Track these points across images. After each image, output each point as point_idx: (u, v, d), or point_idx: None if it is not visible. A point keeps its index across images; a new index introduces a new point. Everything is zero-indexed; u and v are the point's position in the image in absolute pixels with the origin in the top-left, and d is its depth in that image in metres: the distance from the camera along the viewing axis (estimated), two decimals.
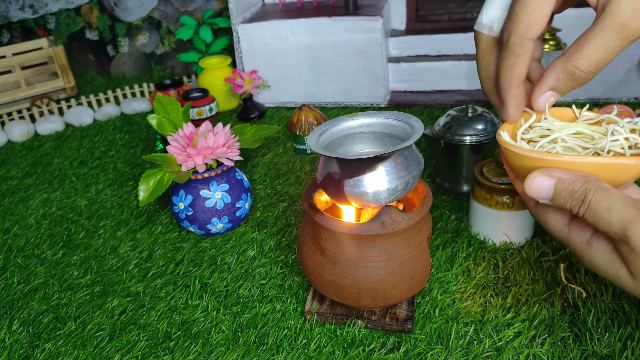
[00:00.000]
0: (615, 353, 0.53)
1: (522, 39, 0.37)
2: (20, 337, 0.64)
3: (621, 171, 0.35)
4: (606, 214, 0.33)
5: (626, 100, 1.10)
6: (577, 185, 0.34)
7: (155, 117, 0.80)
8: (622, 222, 0.32)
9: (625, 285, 0.35)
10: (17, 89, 1.31)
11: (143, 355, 0.59)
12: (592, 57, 0.34)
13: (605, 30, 0.34)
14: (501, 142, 0.39)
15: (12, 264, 0.78)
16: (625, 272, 0.34)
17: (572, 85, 0.37)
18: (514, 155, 0.38)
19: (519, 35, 0.37)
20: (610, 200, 0.33)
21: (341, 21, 1.14)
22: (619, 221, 0.32)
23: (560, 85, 0.37)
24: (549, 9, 0.36)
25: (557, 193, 0.35)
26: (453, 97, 1.20)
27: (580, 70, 0.35)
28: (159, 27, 1.54)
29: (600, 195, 0.33)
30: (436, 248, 0.71)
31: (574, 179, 0.34)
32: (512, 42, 0.37)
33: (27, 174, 1.06)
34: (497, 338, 0.56)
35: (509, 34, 0.37)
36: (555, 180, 0.35)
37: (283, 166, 0.99)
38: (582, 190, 0.34)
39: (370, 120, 0.57)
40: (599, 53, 0.34)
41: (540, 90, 0.38)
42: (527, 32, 0.37)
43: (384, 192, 0.51)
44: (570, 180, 0.34)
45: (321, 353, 0.57)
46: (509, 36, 0.37)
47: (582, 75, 0.35)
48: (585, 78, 0.36)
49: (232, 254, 0.74)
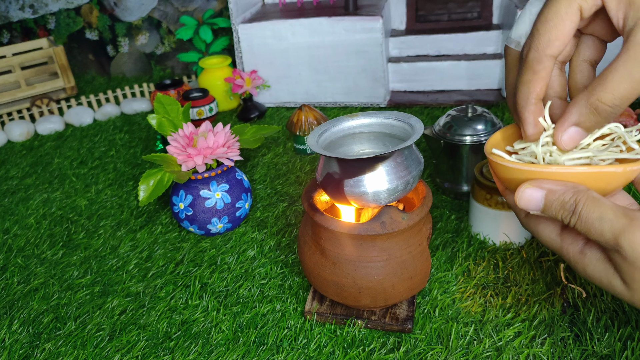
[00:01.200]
0: (615, 353, 0.53)
1: (541, 55, 0.36)
2: (20, 337, 0.64)
3: (610, 179, 0.35)
4: (597, 224, 0.33)
5: None
6: (568, 196, 0.34)
7: (155, 117, 0.80)
8: (614, 231, 0.32)
9: (619, 294, 0.35)
10: (17, 89, 1.31)
11: (143, 355, 0.59)
12: (616, 89, 0.32)
13: (629, 61, 0.31)
14: (489, 156, 0.39)
15: (12, 264, 0.78)
16: (618, 281, 0.34)
17: (596, 120, 0.34)
18: (502, 168, 0.37)
19: (538, 51, 0.36)
20: (601, 210, 0.33)
21: (341, 21, 1.14)
22: (610, 230, 0.32)
23: (584, 120, 0.35)
24: (572, 26, 0.35)
25: (547, 204, 0.35)
26: (453, 97, 1.20)
27: (604, 104, 0.33)
28: (159, 27, 1.54)
29: (591, 206, 0.33)
30: (436, 248, 0.71)
31: (565, 190, 0.34)
32: (531, 57, 0.36)
33: (27, 174, 1.06)
34: (497, 338, 0.56)
35: (528, 49, 0.36)
36: (546, 191, 0.35)
37: (283, 166, 0.99)
38: (573, 200, 0.34)
39: (370, 120, 0.57)
40: (624, 85, 0.32)
41: (563, 126, 0.36)
42: (547, 49, 0.35)
43: (384, 192, 0.51)
44: (560, 191, 0.34)
45: (321, 353, 0.57)
46: (528, 51, 0.36)
47: (607, 110, 0.33)
48: (610, 112, 0.33)
49: (232, 254, 0.74)
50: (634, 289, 0.33)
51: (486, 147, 0.41)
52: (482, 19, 1.27)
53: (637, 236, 0.31)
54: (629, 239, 0.31)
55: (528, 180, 0.36)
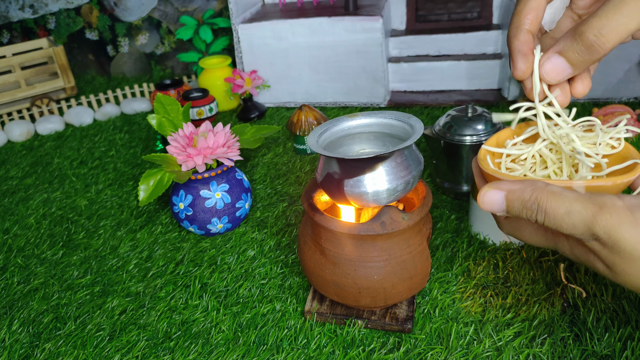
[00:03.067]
0: (615, 353, 0.53)
1: None
2: (20, 337, 0.64)
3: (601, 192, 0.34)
4: (567, 218, 0.32)
5: (626, 100, 1.10)
6: (527, 194, 0.34)
7: (155, 117, 0.80)
8: (585, 221, 0.32)
9: (606, 277, 0.35)
10: (17, 89, 1.31)
11: (143, 355, 0.59)
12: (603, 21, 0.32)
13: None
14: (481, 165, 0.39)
15: (12, 264, 0.78)
16: (601, 265, 0.34)
17: (580, 50, 0.33)
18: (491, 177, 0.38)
19: None
20: (566, 203, 0.32)
21: (341, 21, 1.14)
22: (582, 222, 0.32)
23: (568, 50, 0.34)
24: None
25: (509, 204, 0.35)
26: (453, 97, 1.20)
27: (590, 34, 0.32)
28: (159, 27, 1.54)
29: (555, 201, 0.33)
30: (436, 248, 0.71)
31: (523, 188, 0.34)
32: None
33: (27, 174, 1.06)
34: (497, 338, 0.56)
35: None
36: (505, 192, 0.35)
37: (283, 166, 0.99)
38: (533, 198, 0.33)
39: (370, 120, 0.57)
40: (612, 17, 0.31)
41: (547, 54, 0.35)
42: None
43: (384, 192, 0.51)
44: (519, 190, 0.34)
45: (321, 353, 0.57)
46: None
47: (591, 39, 0.33)
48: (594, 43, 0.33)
49: (232, 254, 0.74)
50: (616, 272, 0.33)
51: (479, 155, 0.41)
52: (482, 19, 1.27)
53: (610, 221, 0.31)
54: (602, 226, 0.31)
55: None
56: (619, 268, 0.33)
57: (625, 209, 0.31)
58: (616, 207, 0.31)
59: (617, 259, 0.32)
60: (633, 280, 0.33)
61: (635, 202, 0.31)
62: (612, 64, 1.07)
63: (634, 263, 0.31)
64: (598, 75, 1.09)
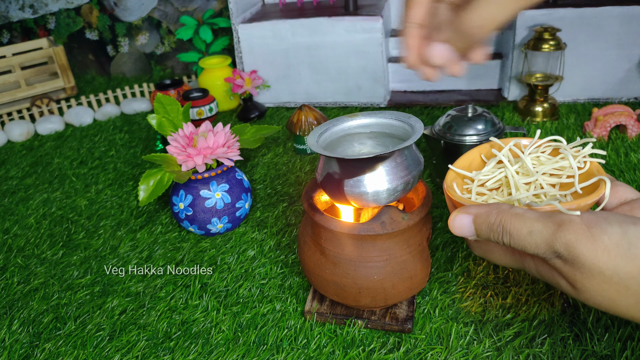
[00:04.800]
0: (615, 353, 0.53)
1: None
2: (20, 337, 0.64)
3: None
4: (530, 238, 0.33)
5: (626, 100, 1.10)
6: (492, 217, 0.35)
7: (155, 117, 0.80)
8: (546, 240, 0.33)
9: (570, 295, 0.36)
10: (17, 89, 1.31)
11: (143, 355, 0.59)
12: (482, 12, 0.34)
13: None
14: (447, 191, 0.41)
15: (12, 264, 0.78)
16: (564, 282, 0.35)
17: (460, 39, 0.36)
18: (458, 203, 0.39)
19: None
20: (527, 224, 0.34)
21: (341, 21, 1.14)
22: (543, 241, 0.33)
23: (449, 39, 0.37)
24: None
25: (477, 228, 0.36)
26: (453, 97, 1.20)
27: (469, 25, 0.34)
28: (159, 27, 1.54)
29: (517, 222, 0.34)
30: (436, 248, 0.71)
31: (488, 212, 0.35)
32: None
33: (27, 174, 1.06)
34: (497, 338, 0.56)
35: None
36: (473, 216, 0.36)
37: (283, 166, 0.99)
38: (498, 221, 0.35)
39: (370, 120, 0.57)
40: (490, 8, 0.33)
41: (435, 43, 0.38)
42: None
43: (384, 192, 0.51)
44: (484, 213, 0.35)
45: (321, 353, 0.57)
46: None
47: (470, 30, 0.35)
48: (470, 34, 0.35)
49: (232, 254, 0.74)
50: (578, 289, 0.34)
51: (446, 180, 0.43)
52: None
53: (568, 238, 0.32)
54: (561, 242, 0.32)
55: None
56: (579, 284, 0.33)
57: (582, 225, 0.32)
58: (573, 224, 0.32)
59: (577, 275, 0.33)
60: (594, 296, 0.33)
61: (592, 218, 0.32)
62: (612, 64, 1.07)
63: (594, 278, 0.32)
64: (598, 75, 1.09)
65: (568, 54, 1.06)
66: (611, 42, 1.05)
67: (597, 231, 0.31)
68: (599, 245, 0.31)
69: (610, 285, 0.32)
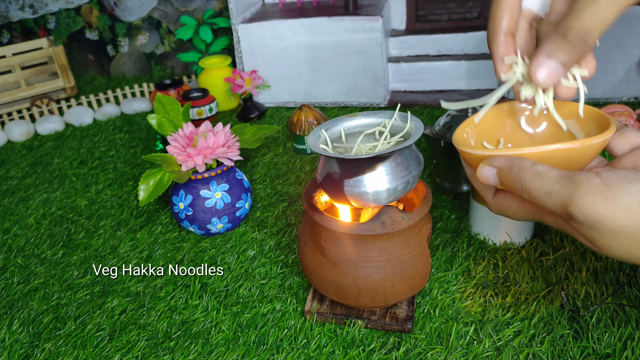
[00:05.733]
0: (615, 353, 0.53)
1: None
2: (20, 337, 0.64)
3: (570, 156, 0.35)
4: (548, 199, 0.33)
5: (626, 100, 1.10)
6: (513, 173, 0.35)
7: (155, 117, 0.80)
8: (563, 202, 0.32)
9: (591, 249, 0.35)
10: (17, 89, 1.31)
11: (143, 355, 0.59)
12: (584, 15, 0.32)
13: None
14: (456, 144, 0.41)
15: (12, 264, 0.78)
16: (584, 239, 0.35)
17: (567, 48, 0.34)
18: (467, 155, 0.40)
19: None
20: (546, 185, 0.33)
21: (341, 21, 1.14)
22: (560, 202, 0.32)
23: (554, 49, 0.35)
24: None
25: (500, 181, 0.36)
26: (453, 97, 1.20)
27: (572, 30, 0.33)
28: (159, 27, 1.54)
29: (537, 181, 0.34)
30: (436, 248, 0.71)
31: (510, 167, 0.35)
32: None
33: (27, 174, 1.06)
34: (497, 338, 0.56)
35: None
36: (496, 169, 0.36)
37: (283, 166, 0.99)
38: (518, 178, 0.34)
39: (370, 120, 0.57)
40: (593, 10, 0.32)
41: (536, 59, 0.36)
42: None
43: (384, 192, 0.51)
44: (507, 169, 0.35)
45: (321, 353, 0.57)
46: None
47: (575, 37, 0.33)
48: (578, 39, 0.33)
49: (232, 254, 0.74)
50: (599, 247, 0.33)
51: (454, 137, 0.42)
52: (482, 18, 1.27)
53: (586, 200, 0.31)
54: (578, 207, 0.32)
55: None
56: (599, 243, 0.33)
57: (601, 184, 0.31)
58: (591, 185, 0.31)
59: (597, 235, 0.32)
60: (615, 252, 0.33)
61: (612, 177, 0.31)
62: (612, 64, 1.07)
63: (616, 237, 0.32)
64: (598, 75, 1.09)
65: None
66: (611, 42, 1.05)
67: (617, 190, 0.31)
68: (620, 204, 0.31)
69: (634, 242, 0.31)
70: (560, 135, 0.42)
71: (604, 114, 0.39)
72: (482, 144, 0.45)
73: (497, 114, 0.44)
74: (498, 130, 0.45)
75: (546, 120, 0.43)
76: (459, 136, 0.42)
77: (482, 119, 0.43)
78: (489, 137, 0.45)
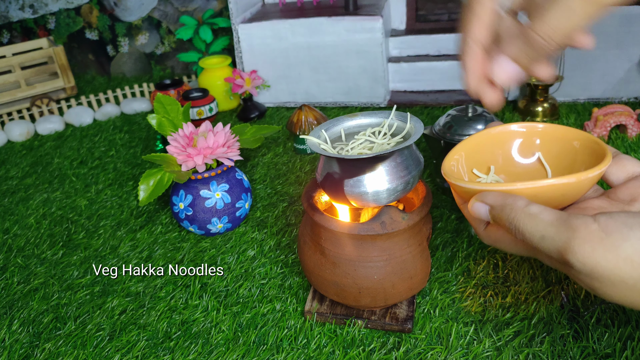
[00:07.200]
0: (615, 353, 0.53)
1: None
2: (20, 337, 0.64)
3: (565, 191, 0.34)
4: (542, 243, 0.32)
5: (626, 100, 1.10)
6: (506, 212, 0.34)
7: (155, 117, 0.80)
8: (559, 249, 0.31)
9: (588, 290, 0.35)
10: (17, 89, 1.31)
11: (143, 355, 0.59)
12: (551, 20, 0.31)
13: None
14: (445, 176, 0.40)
15: (12, 264, 0.78)
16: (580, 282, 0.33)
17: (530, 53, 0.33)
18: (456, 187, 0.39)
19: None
20: (540, 228, 0.32)
21: (341, 21, 1.14)
22: (556, 248, 0.31)
23: (516, 53, 0.34)
24: None
25: (493, 219, 0.35)
26: (453, 97, 1.20)
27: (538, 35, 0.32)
28: (159, 27, 1.54)
29: (530, 224, 0.32)
30: (436, 248, 0.71)
31: (503, 206, 0.34)
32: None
33: (27, 174, 1.06)
34: (497, 338, 0.56)
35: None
36: (489, 207, 0.35)
37: (283, 166, 0.98)
38: (511, 218, 0.33)
39: (370, 120, 0.57)
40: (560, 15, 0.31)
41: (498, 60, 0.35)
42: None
43: (384, 192, 0.51)
44: (499, 207, 0.34)
45: (321, 353, 0.57)
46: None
47: (540, 41, 0.32)
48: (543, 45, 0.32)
49: (232, 254, 0.74)
50: (595, 291, 0.32)
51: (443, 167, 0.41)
52: None
53: (583, 249, 0.30)
54: (575, 256, 0.30)
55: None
56: (600, 291, 0.32)
57: (600, 231, 0.30)
58: (589, 231, 0.30)
59: (596, 284, 0.31)
60: (613, 298, 0.32)
61: (611, 223, 0.30)
62: (612, 64, 1.07)
63: (614, 287, 0.31)
64: (598, 75, 1.09)
65: (568, 54, 1.06)
66: (611, 42, 1.05)
67: (617, 238, 0.29)
68: (620, 254, 0.29)
69: (634, 292, 0.30)
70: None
71: (600, 142, 0.38)
72: (472, 171, 0.44)
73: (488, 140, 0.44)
74: (489, 157, 0.44)
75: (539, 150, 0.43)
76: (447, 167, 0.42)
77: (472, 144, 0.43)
78: (479, 163, 0.44)
